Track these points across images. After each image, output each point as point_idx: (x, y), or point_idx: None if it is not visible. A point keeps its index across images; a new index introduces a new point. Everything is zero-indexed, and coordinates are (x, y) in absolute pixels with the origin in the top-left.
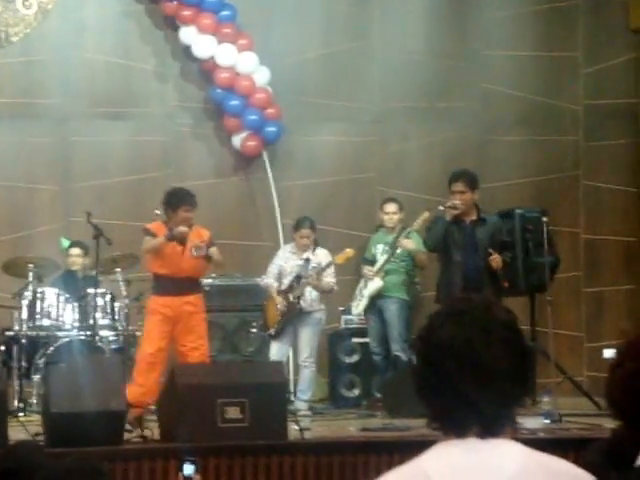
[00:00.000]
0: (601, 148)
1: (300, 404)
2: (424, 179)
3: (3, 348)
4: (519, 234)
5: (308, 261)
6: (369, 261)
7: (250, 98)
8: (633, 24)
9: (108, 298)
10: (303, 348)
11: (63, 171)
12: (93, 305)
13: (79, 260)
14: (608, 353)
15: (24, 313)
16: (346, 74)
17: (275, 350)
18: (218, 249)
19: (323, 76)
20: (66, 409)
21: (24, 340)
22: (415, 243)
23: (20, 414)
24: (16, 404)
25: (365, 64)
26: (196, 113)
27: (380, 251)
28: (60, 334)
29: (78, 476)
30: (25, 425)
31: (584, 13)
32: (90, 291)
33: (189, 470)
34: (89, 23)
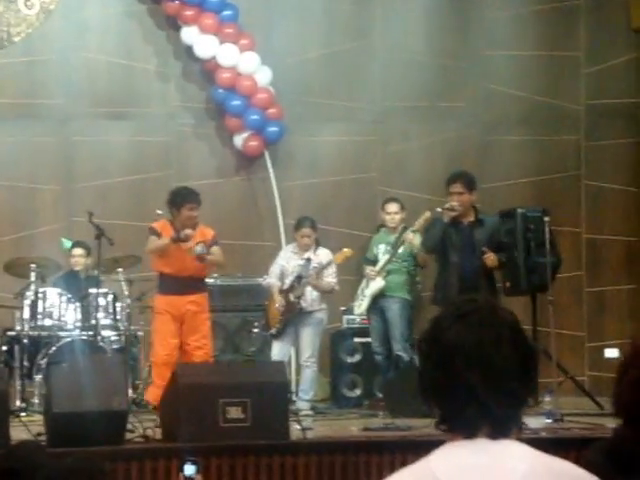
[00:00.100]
0: (602, 148)
1: (302, 404)
2: (425, 179)
3: (5, 348)
4: (521, 234)
5: (309, 261)
6: (371, 261)
7: (252, 98)
8: (634, 24)
9: (110, 298)
10: (305, 348)
11: (65, 171)
12: (95, 305)
13: (81, 260)
14: (610, 353)
15: (26, 313)
16: (347, 74)
17: (277, 350)
18: (220, 249)
19: (324, 76)
20: (68, 409)
21: (26, 340)
22: (419, 239)
23: (22, 414)
24: (18, 404)
25: (367, 64)
26: (198, 113)
27: (382, 251)
28: (62, 334)
29: (80, 476)
30: (27, 425)
31: (585, 13)
32: (92, 291)
33: (190, 470)
34: (91, 23)
